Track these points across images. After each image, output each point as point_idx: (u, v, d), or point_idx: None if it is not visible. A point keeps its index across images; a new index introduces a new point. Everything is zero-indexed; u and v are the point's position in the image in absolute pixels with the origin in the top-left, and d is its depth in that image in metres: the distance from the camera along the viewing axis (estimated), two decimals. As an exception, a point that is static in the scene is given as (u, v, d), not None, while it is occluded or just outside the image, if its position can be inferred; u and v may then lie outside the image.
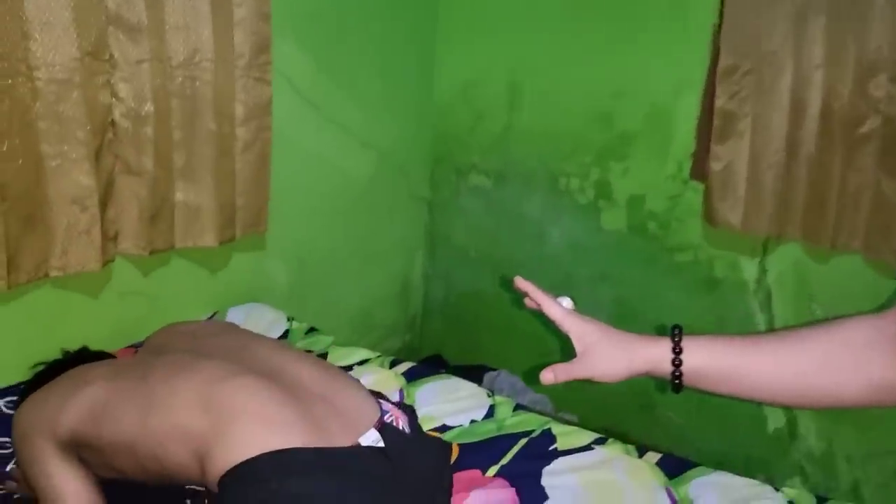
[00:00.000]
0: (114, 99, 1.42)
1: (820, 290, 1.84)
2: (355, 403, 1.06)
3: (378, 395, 1.16)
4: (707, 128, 1.85)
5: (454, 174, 2.44)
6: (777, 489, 1.23)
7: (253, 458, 0.89)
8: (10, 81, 1.25)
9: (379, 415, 1.05)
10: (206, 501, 1.09)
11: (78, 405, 1.01)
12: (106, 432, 0.99)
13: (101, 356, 1.30)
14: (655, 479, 1.26)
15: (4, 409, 1.28)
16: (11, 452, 1.16)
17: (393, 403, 1.15)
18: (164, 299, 1.66)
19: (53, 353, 1.29)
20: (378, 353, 1.67)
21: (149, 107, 1.45)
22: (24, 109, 1.28)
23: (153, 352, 1.28)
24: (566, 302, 0.88)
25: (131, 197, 1.49)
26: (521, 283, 0.88)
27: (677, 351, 0.76)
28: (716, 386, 0.76)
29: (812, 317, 1.87)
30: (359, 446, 0.98)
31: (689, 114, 1.92)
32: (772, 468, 2.00)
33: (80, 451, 1.02)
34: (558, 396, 2.36)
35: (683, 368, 0.75)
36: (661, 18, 1.94)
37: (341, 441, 0.97)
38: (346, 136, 2.09)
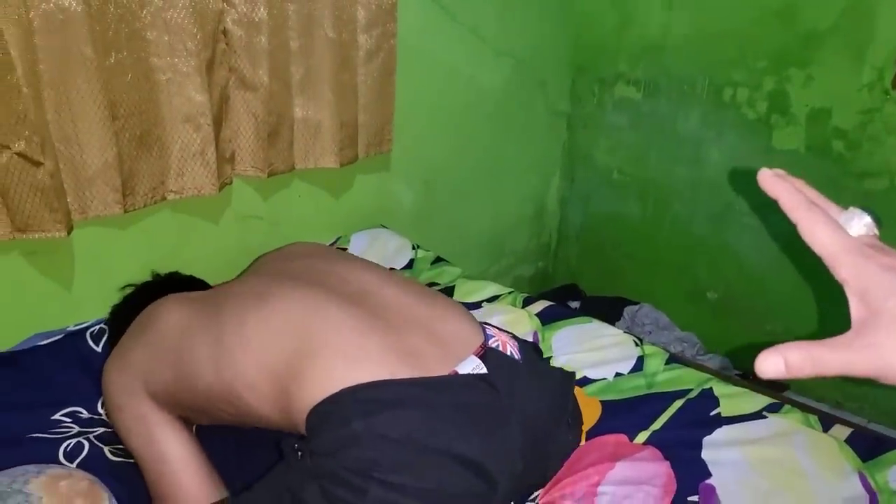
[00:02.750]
0: (224, 4, 1.28)
1: None
2: (454, 328, 0.92)
3: (486, 323, 1.01)
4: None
5: (597, 85, 2.17)
6: None
7: (334, 394, 0.78)
8: (114, -11, 1.14)
9: (482, 340, 0.91)
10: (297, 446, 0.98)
11: (158, 356, 0.92)
12: (186, 383, 0.90)
13: (191, 282, 1.22)
14: (847, 460, 1.03)
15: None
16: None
17: (505, 332, 0.99)
18: (286, 224, 1.57)
19: (172, 280, 1.23)
20: (510, 290, 1.50)
21: (262, 12, 1.31)
22: (130, 18, 1.17)
23: (245, 276, 1.19)
24: (861, 220, 0.44)
25: (247, 114, 1.38)
26: (768, 178, 0.45)
27: None
28: None
29: None
30: (456, 374, 0.84)
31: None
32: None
33: (175, 401, 0.94)
34: (709, 340, 2.11)
35: None
36: None
37: (437, 370, 0.84)
38: (478, 44, 1.88)
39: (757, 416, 1.13)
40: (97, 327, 1.23)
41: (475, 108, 1.95)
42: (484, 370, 0.86)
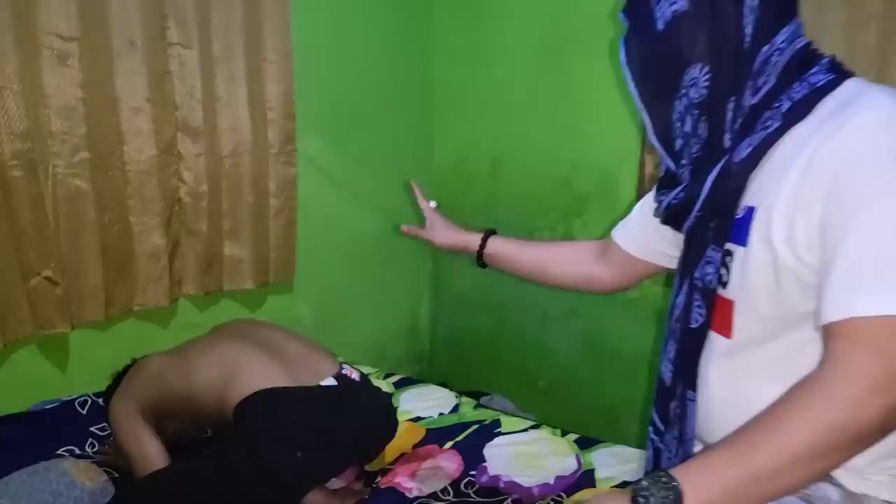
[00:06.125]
0: (180, 182, 1.97)
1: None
2: (323, 362, 1.59)
3: (343, 362, 1.68)
4: (643, 190, 2.31)
5: (451, 231, 2.94)
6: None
7: (253, 392, 1.42)
8: (110, 173, 1.80)
9: (338, 369, 1.56)
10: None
11: (146, 382, 1.53)
12: (163, 392, 1.51)
13: None
14: (570, 449, 1.69)
15: (101, 403, 1.79)
16: (108, 434, 1.67)
17: (353, 368, 1.67)
18: (215, 331, 2.17)
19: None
20: (377, 369, 2.15)
21: (204, 186, 2.00)
22: (119, 193, 1.83)
23: (201, 337, 1.81)
24: (433, 203, 1.52)
25: (191, 253, 2.03)
26: (413, 186, 1.55)
27: (483, 240, 1.41)
28: (503, 265, 1.41)
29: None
30: (319, 386, 1.49)
31: (631, 179, 2.38)
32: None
33: (156, 412, 1.53)
34: (542, 416, 2.77)
35: (484, 251, 1.41)
36: (606, 104, 2.41)
37: (309, 383, 1.49)
38: (359, 202, 2.62)
39: (523, 431, 1.78)
40: (83, 398, 1.79)
41: (358, 248, 2.65)
42: (335, 383, 1.51)
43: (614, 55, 1.12)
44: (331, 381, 1.52)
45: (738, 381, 0.91)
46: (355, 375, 1.59)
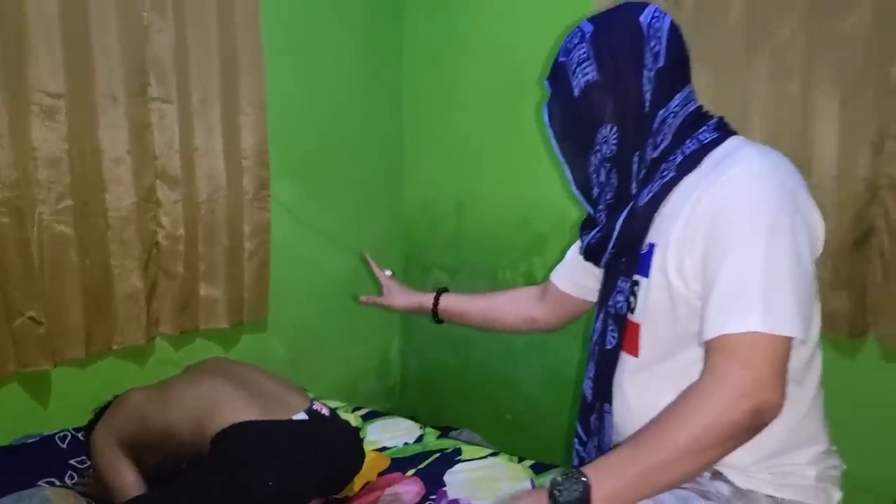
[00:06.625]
0: (158, 227, 2.09)
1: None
2: (294, 398, 1.69)
3: (314, 398, 1.78)
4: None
5: (420, 270, 3.08)
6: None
7: (229, 425, 1.52)
8: (92, 220, 1.92)
9: (309, 405, 1.66)
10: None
11: (126, 415, 1.63)
12: (142, 425, 1.60)
13: None
14: (525, 473, 1.81)
15: (81, 438, 1.88)
16: (88, 466, 1.76)
17: (323, 404, 1.77)
18: (191, 368, 2.27)
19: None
20: (346, 403, 2.25)
21: (181, 231, 2.12)
22: (100, 237, 1.94)
23: (180, 374, 1.90)
24: (388, 272, 1.75)
25: (168, 293, 2.14)
26: (368, 258, 1.80)
27: (437, 299, 1.53)
28: (456, 318, 1.56)
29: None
30: (292, 420, 1.60)
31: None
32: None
33: (133, 445, 1.62)
34: (508, 449, 2.87)
35: (438, 308, 1.57)
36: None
37: (282, 417, 1.60)
38: (331, 244, 2.75)
39: (482, 458, 1.89)
40: (63, 433, 1.87)
41: (330, 287, 2.77)
42: (306, 418, 1.62)
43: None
44: (302, 416, 1.63)
45: (647, 393, 1.05)
46: (325, 411, 1.70)
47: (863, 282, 2.06)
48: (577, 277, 1.38)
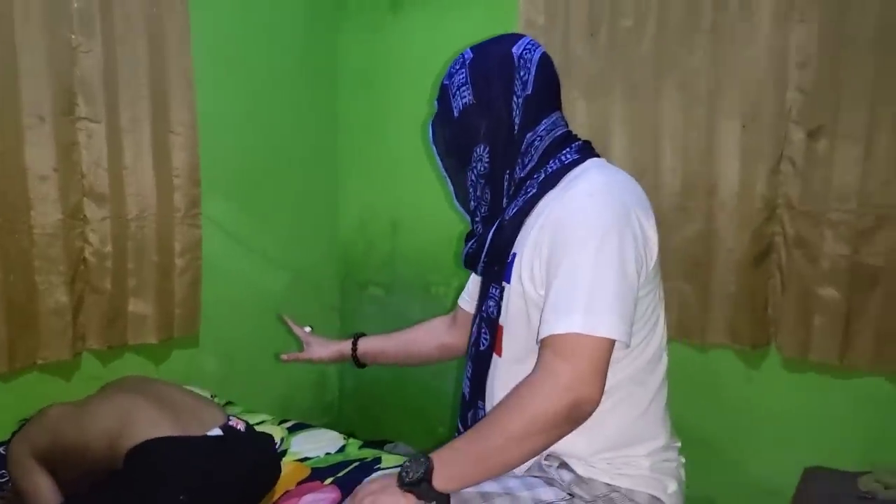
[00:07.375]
0: (85, 244, 2.12)
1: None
2: (210, 413, 1.72)
3: (231, 415, 1.82)
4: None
5: (356, 288, 3.14)
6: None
7: (144, 441, 1.54)
8: (16, 236, 1.95)
9: (225, 420, 1.70)
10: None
11: (43, 427, 1.66)
12: (57, 438, 1.63)
13: None
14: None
15: (2, 452, 1.89)
16: (7, 480, 1.78)
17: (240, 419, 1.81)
18: (120, 384, 2.29)
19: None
20: (272, 416, 2.29)
21: (109, 247, 2.16)
22: (25, 254, 1.97)
23: (99, 391, 1.93)
24: (307, 328, 1.78)
25: (95, 308, 2.17)
26: (286, 319, 1.81)
27: (354, 344, 1.57)
28: (377, 360, 1.61)
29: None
30: (206, 435, 1.63)
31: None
32: None
33: (48, 463, 1.65)
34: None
35: (357, 353, 1.62)
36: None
37: (196, 433, 1.63)
38: (265, 262, 2.80)
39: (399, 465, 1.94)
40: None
41: (265, 304, 2.80)
42: (221, 433, 1.66)
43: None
44: (217, 432, 1.67)
45: (509, 391, 1.14)
46: (241, 426, 1.75)
47: (764, 295, 2.19)
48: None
